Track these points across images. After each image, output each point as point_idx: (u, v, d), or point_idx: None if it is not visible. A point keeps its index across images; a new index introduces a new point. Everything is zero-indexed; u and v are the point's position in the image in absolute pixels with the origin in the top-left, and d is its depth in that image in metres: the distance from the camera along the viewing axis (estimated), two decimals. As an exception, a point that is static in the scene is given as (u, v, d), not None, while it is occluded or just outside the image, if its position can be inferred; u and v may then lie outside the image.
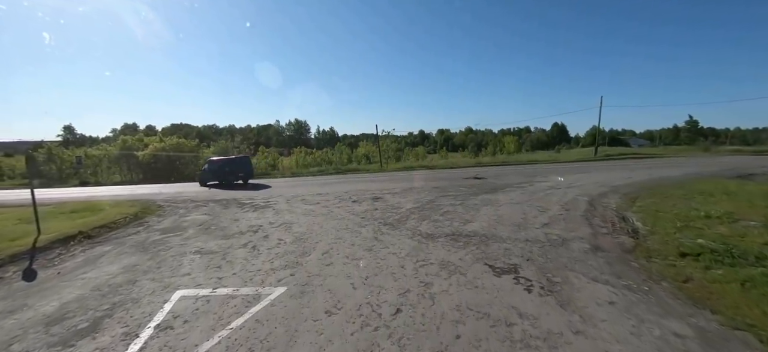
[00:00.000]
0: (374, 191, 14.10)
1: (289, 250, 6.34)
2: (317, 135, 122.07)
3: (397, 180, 18.82)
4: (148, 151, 29.96)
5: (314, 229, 7.95)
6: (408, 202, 11.09)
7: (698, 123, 68.72)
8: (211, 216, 10.43)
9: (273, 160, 43.02)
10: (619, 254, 5.65)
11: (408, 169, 29.45)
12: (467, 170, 24.59)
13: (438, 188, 14.09)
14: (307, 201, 12.39)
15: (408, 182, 17.12)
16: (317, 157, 45.16)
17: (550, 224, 7.55)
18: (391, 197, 12.23)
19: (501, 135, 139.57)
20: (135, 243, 7.39)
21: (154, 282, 5.02)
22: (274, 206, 11.55)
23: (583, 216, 8.32)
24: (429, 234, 7.03)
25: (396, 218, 8.76)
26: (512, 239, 6.52)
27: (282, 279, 4.92)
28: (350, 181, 20.60)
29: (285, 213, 10.19)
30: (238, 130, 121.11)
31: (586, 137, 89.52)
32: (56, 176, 32.88)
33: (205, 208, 12.21)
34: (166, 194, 17.73)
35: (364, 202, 11.57)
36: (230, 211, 11.15)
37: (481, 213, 8.93)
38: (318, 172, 30.23)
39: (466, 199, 11.23)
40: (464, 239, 6.63)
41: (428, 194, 12.53)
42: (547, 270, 4.93)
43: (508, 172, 21.09)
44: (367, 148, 52.13)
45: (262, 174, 30.73)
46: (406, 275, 4.90)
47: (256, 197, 14.38)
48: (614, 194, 11.30)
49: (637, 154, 32.88)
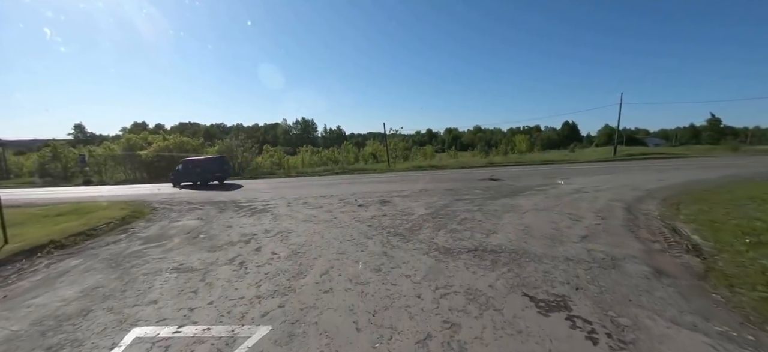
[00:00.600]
0: (382, 194, 13.05)
1: (282, 268, 5.32)
2: (324, 134, 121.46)
3: (406, 181, 17.74)
4: (151, 150, 29.36)
5: (314, 240, 6.93)
6: (420, 207, 10.01)
7: (721, 121, 65.97)
8: (204, 221, 9.50)
9: (279, 159, 42.32)
10: (690, 280, 4.51)
11: (417, 169, 28.33)
12: (480, 171, 23.39)
13: (451, 191, 12.97)
14: (309, 205, 11.40)
15: (418, 184, 16.03)
16: (323, 157, 44.34)
17: (589, 238, 6.40)
18: (400, 201, 11.16)
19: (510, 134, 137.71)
20: (109, 256, 6.46)
21: (110, 314, 4.05)
22: (273, 211, 10.58)
23: (625, 227, 7.15)
24: (447, 249, 5.95)
25: (407, 226, 7.69)
26: (549, 257, 5.40)
27: (267, 313, 3.90)
28: (357, 181, 19.58)
29: (284, 219, 9.20)
30: (245, 128, 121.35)
31: (600, 136, 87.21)
32: (61, 175, 32.61)
33: (200, 211, 11.31)
34: (165, 194, 16.95)
35: (371, 206, 10.52)
36: (225, 216, 10.22)
37: (504, 222, 7.81)
38: (324, 171, 29.31)
39: (484, 204, 10.10)
40: (490, 255, 5.54)
41: (441, 198, 11.43)
42: (606, 305, 3.82)
43: (524, 173, 19.83)
44: (375, 147, 51.19)
45: (267, 173, 29.94)
46: (425, 309, 3.84)
47: (256, 199, 13.44)
48: (651, 199, 10.06)
49: (661, 154, 31.19)
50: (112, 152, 30.47)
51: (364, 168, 30.81)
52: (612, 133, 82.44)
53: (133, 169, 30.99)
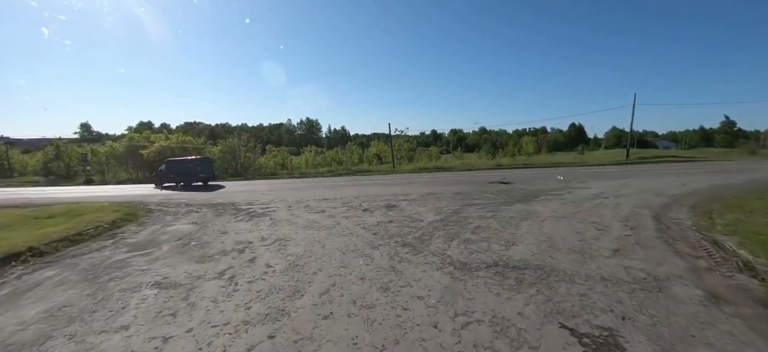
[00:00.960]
0: (387, 197, 12.39)
1: (277, 285, 4.69)
2: (328, 134, 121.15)
3: (412, 183, 17.08)
4: (152, 149, 28.95)
5: (314, 249, 6.30)
6: (428, 212, 9.34)
7: (735, 124, 64.45)
8: (198, 226, 8.92)
9: (283, 159, 41.87)
10: (756, 309, 3.80)
11: (422, 170, 27.66)
12: (488, 173, 22.68)
13: (461, 195, 12.28)
14: (311, 208, 10.77)
15: (425, 186, 15.35)
16: (327, 157, 43.81)
17: (622, 252, 5.69)
18: (407, 206, 10.50)
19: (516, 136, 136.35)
20: (88, 266, 5.87)
21: (69, 343, 3.43)
22: (273, 215, 9.97)
23: (659, 239, 6.43)
24: (464, 263, 5.28)
25: (417, 235, 7.03)
26: (581, 275, 4.71)
27: (254, 346, 3.26)
28: (361, 183, 18.96)
29: (283, 225, 8.58)
30: (249, 128, 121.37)
31: (609, 138, 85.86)
32: (64, 174, 32.36)
33: (196, 214, 10.74)
34: (163, 195, 16.45)
35: (377, 211, 9.88)
36: (221, 220, 9.63)
37: (522, 231, 7.12)
38: (327, 172, 28.74)
39: (497, 209, 9.41)
40: (513, 272, 4.86)
41: (451, 202, 10.75)
42: (666, 343, 3.13)
43: (534, 176, 19.07)
44: (379, 147, 50.54)
45: (270, 174, 29.44)
46: (444, 345, 3.18)
47: (256, 202, 12.85)
48: (679, 206, 9.31)
49: (674, 158, 30.19)
50: (115, 151, 30.13)
51: (369, 169, 30.22)
52: (621, 135, 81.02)
53: (135, 168, 30.63)
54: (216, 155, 30.76)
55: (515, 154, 47.31)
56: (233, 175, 28.95)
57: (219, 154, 30.67)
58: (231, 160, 30.88)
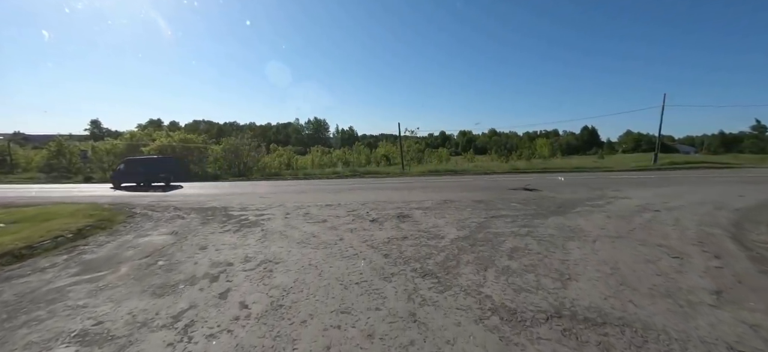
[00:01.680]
0: (399, 204, 10.91)
1: (246, 344, 3.24)
2: (336, 134, 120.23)
3: (424, 188, 15.55)
4: (152, 147, 27.93)
5: (308, 279, 4.85)
6: (449, 226, 7.83)
7: (767, 128, 61.31)
8: (177, 237, 7.56)
9: (288, 159, 40.73)
10: None
11: (433, 173, 26.10)
12: (506, 178, 21.05)
13: (482, 203, 10.74)
14: (311, 217, 9.36)
15: (440, 192, 13.82)
16: (334, 158, 42.55)
17: (727, 295, 4.12)
18: (422, 216, 9.00)
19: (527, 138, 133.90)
20: (11, 298, 4.51)
21: None
22: (266, 224, 8.57)
23: (762, 273, 4.83)
24: (511, 311, 3.77)
25: (439, 259, 5.53)
26: (694, 339, 3.17)
27: None
28: (369, 186, 17.52)
29: (275, 239, 7.17)
30: (258, 127, 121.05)
31: (626, 141, 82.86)
32: (66, 171, 31.60)
33: (181, 221, 9.41)
34: (155, 196, 15.22)
35: (387, 222, 8.41)
36: (206, 230, 8.26)
37: (574, 256, 5.57)
38: (333, 173, 27.37)
39: (531, 224, 7.86)
40: (590, 331, 3.33)
41: (473, 213, 9.22)
42: None
43: (560, 182, 17.39)
44: (387, 148, 49.16)
45: (274, 175, 28.19)
46: None
47: (251, 207, 11.49)
48: (755, 224, 7.66)
49: (704, 163, 28.08)
50: (115, 149, 29.21)
51: (377, 171, 28.77)
52: (639, 139, 78.08)
53: None
54: (218, 154, 29.67)
55: (530, 158, 45.48)
56: (236, 175, 27.79)
57: (221, 154, 29.55)
58: (234, 160, 29.75)
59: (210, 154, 30.16)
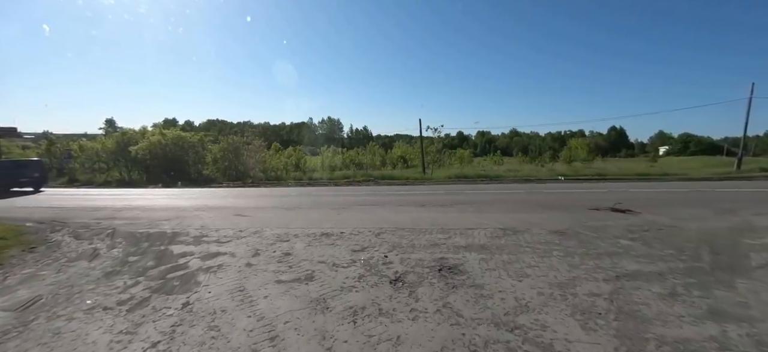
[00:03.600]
0: (433, 235, 6.96)
1: None
2: (350, 134, 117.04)
3: (461, 203, 11.51)
4: (141, 146, 24.81)
5: None
6: (548, 303, 3.80)
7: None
8: (25, 310, 3.85)
9: (298, 159, 37.31)
10: None
11: (462, 179, 21.93)
12: (559, 188, 16.73)
13: (571, 237, 6.66)
14: (290, 264, 5.52)
15: (486, 210, 9.75)
16: (346, 158, 38.87)
17: None
18: (483, 269, 5.01)
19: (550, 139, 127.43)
20: None
21: None
22: (209, 282, 4.80)
23: None
24: None
25: None
26: None
27: None
28: (385, 197, 13.60)
29: (200, 330, 3.35)
30: (272, 126, 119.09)
31: (673, 142, 75.59)
32: (56, 173, 28.98)
33: (84, 264, 5.75)
34: (113, 207, 11.74)
35: (422, 286, 4.49)
36: (95, 281, 4.53)
37: None
38: (343, 178, 23.60)
39: (714, 300, 3.74)
40: None
41: (569, 262, 5.17)
42: None
43: (655, 198, 13.00)
44: (403, 149, 45.21)
45: (275, 178, 24.64)
46: None
47: (213, 232, 7.75)
48: None
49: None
50: (105, 148, 26.30)
51: (393, 175, 24.79)
52: (688, 140, 70.94)
53: (128, 167, 26.75)
54: (217, 155, 26.36)
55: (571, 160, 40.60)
56: (234, 178, 24.41)
57: (220, 154, 26.25)
58: (234, 161, 26.41)
59: (208, 155, 26.91)
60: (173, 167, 25.47)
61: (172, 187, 21.38)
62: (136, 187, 21.94)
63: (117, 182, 24.44)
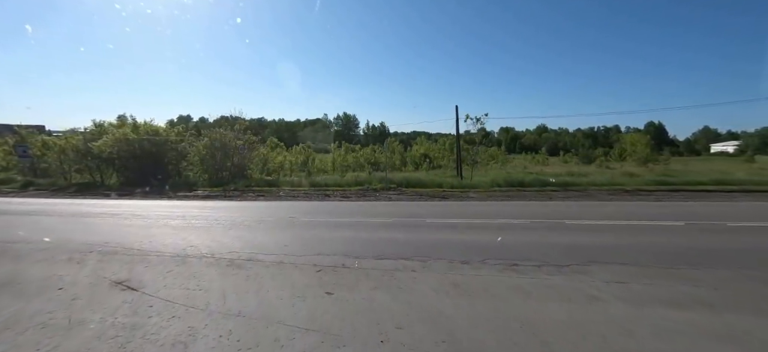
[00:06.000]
0: None
1: None
2: (366, 131, 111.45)
3: (585, 252, 5.63)
4: (103, 142, 19.87)
5: None
6: None
7: None
8: None
9: (306, 158, 32.04)
10: None
11: (516, 187, 15.97)
12: (665, 208, 10.63)
13: None
14: None
15: (669, 282, 3.91)
16: (361, 157, 33.33)
17: None
18: None
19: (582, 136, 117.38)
20: None
21: None
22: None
23: None
24: None
25: None
26: None
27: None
28: (420, 233, 7.78)
29: None
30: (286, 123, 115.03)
31: (721, 139, 66.34)
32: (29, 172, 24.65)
33: None
34: None
35: None
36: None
37: None
38: (355, 184, 18.06)
39: None
40: None
41: None
42: None
43: None
44: (427, 146, 39.21)
45: (266, 184, 19.31)
46: None
47: None
48: None
49: None
50: (72, 145, 21.67)
51: (420, 180, 18.91)
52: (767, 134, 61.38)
53: (100, 169, 22.07)
54: (202, 153, 21.32)
55: (622, 158, 33.82)
56: (216, 183, 19.29)
57: (204, 152, 21.21)
58: (223, 160, 21.34)
59: (192, 154, 21.90)
60: (150, 169, 20.65)
61: (127, 198, 16.36)
62: (86, 193, 17.10)
63: (78, 187, 19.85)
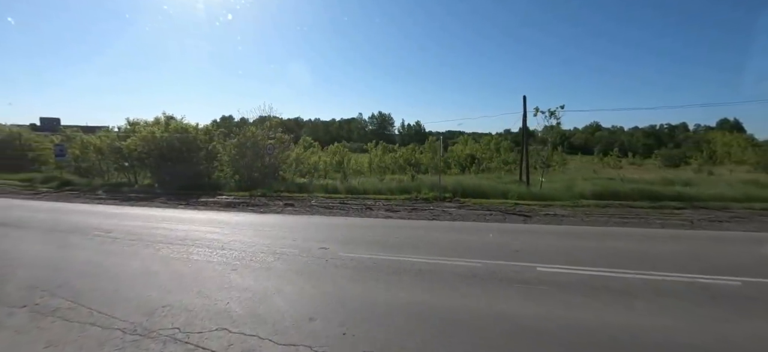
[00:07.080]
0: None
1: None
2: (401, 130, 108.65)
3: None
4: (131, 142, 18.71)
5: None
6: None
7: None
8: None
9: (342, 158, 29.79)
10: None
11: (605, 199, 12.29)
12: None
13: None
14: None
15: None
16: (399, 157, 30.41)
17: None
18: None
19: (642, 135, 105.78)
20: None
21: None
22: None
23: None
24: None
25: None
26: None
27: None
28: (541, 296, 4.63)
29: None
30: (321, 122, 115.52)
31: None
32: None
33: None
34: None
35: None
36: None
37: None
38: (400, 192, 15.25)
39: None
40: None
41: None
42: None
43: None
44: (472, 147, 35.38)
45: (297, 189, 17.05)
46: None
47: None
48: None
49: None
50: (105, 144, 21.01)
51: (480, 188, 15.60)
52: None
53: (134, 169, 21.21)
54: (232, 154, 19.68)
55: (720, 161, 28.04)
56: (247, 186, 17.43)
57: (234, 152, 19.54)
58: (254, 161, 19.50)
59: (222, 154, 20.35)
60: (182, 169, 19.30)
61: (152, 200, 14.76)
62: (113, 198, 15.83)
63: (109, 187, 18.99)
